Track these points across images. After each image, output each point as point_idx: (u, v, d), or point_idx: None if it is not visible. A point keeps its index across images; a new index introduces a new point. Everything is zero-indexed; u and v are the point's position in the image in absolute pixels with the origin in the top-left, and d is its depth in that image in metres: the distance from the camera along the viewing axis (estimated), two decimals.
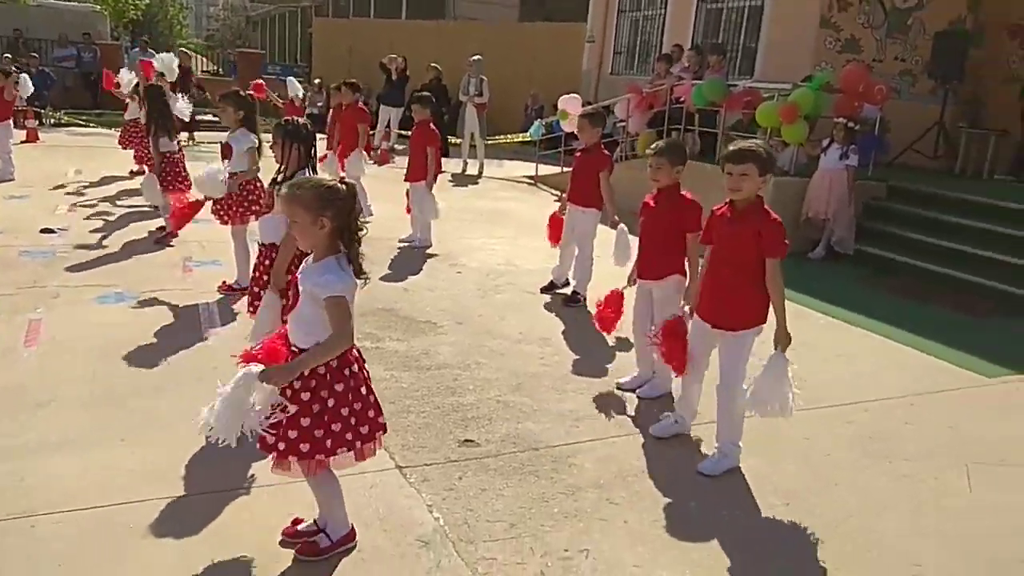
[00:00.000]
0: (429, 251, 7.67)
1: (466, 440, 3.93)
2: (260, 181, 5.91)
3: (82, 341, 4.79)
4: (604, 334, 5.22)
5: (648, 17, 15.31)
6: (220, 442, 2.58)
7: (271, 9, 41.84)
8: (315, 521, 2.98)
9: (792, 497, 3.61)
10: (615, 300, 4.87)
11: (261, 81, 12.92)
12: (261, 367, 2.59)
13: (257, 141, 5.76)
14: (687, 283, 4.41)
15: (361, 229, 2.72)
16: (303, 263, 2.81)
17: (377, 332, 5.25)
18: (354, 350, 2.78)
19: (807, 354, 5.46)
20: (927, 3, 11.63)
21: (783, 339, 3.63)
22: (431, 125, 7.87)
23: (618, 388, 4.70)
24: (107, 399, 4.06)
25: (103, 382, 4.26)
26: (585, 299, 6.21)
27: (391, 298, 6.07)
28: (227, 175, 5.62)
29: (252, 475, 3.43)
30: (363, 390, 2.75)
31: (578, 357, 5.15)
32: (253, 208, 5.76)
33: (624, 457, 3.88)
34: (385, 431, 2.87)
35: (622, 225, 5.66)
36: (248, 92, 6.19)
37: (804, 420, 4.43)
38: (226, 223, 5.86)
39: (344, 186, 2.69)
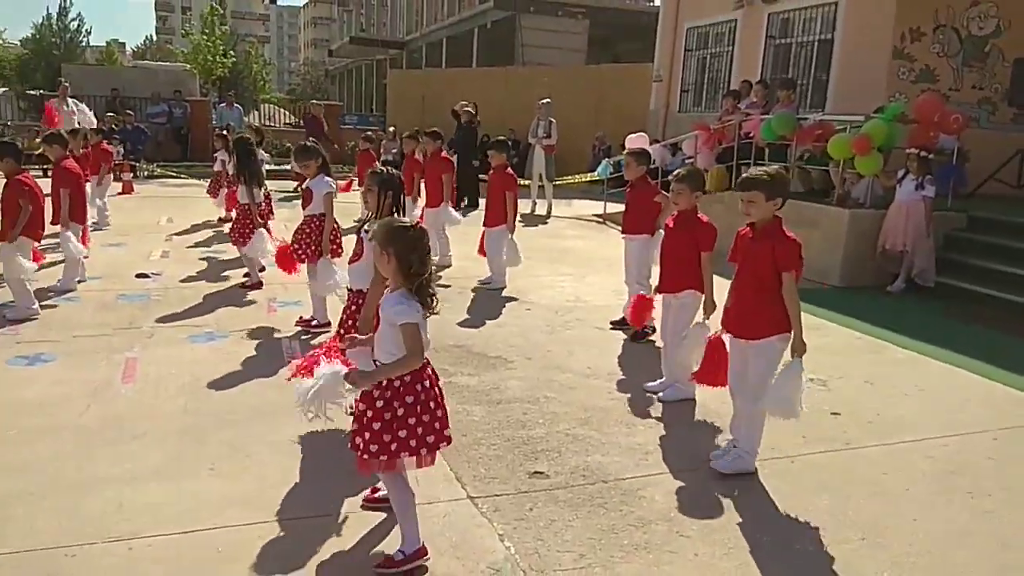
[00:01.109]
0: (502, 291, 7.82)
1: (536, 472, 4.00)
2: (337, 223, 6.20)
3: (174, 378, 5.09)
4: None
5: (715, 55, 15.38)
6: (309, 418, 3.09)
7: (348, 63, 43.65)
8: (400, 548, 3.17)
9: (868, 531, 3.54)
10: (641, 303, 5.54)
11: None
12: (346, 369, 3.04)
13: (334, 186, 6.09)
14: (703, 296, 4.89)
15: (424, 268, 3.01)
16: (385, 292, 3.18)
17: (450, 368, 5.39)
18: (429, 368, 3.09)
19: (884, 388, 5.38)
20: (1005, 30, 11.36)
21: (799, 347, 3.86)
22: (508, 170, 8.07)
23: (645, 391, 5.16)
24: (197, 431, 4.30)
25: (194, 415, 4.52)
26: (654, 330, 6.24)
27: (463, 335, 6.23)
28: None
29: (335, 503, 3.58)
30: (432, 404, 3.04)
31: (648, 391, 5.17)
32: (331, 246, 6.07)
33: (693, 490, 3.88)
34: (449, 443, 3.12)
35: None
36: (314, 142, 6.49)
37: (882, 454, 4.37)
38: (303, 262, 6.14)
39: (413, 228, 3.05)
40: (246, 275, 7.77)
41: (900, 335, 6.62)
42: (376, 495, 3.54)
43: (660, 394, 5.07)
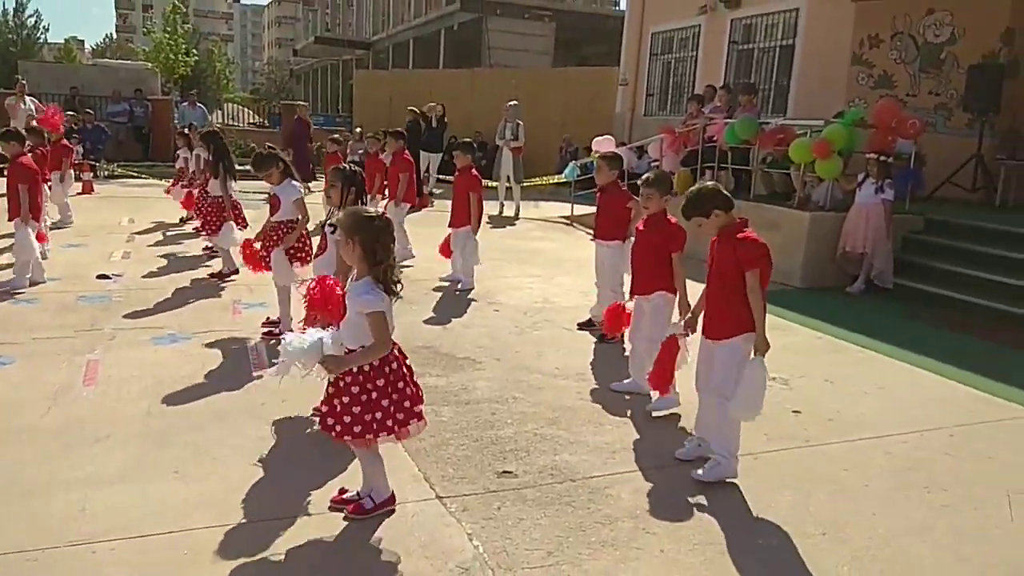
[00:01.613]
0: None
1: (504, 471, 4.02)
2: (306, 230, 6.13)
3: (137, 380, 5.01)
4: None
5: (680, 59, 15.58)
6: (280, 379, 3.30)
7: (314, 63, 43.28)
8: (358, 492, 3.51)
9: (829, 526, 3.62)
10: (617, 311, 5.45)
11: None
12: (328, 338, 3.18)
13: (302, 191, 6.03)
14: (676, 298, 4.93)
15: (388, 255, 3.19)
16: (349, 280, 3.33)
17: (418, 369, 5.30)
18: (395, 349, 3.29)
19: (843, 387, 5.50)
20: (960, 37, 11.65)
21: (761, 345, 3.90)
22: (474, 171, 8.09)
23: (612, 390, 5.23)
24: (161, 434, 4.25)
25: (157, 418, 4.46)
26: (622, 335, 6.29)
27: (431, 336, 6.23)
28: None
29: (300, 504, 3.56)
30: (400, 384, 3.27)
31: (615, 391, 5.22)
32: (298, 255, 5.90)
33: (660, 487, 3.94)
34: (420, 418, 3.34)
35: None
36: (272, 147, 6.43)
37: (840, 452, 4.46)
38: (271, 270, 6.06)
39: (379, 217, 3.22)
40: (214, 274, 7.75)
41: (860, 335, 6.77)
42: (343, 496, 3.56)
43: (648, 406, 4.87)
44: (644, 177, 5.17)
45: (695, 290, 4.51)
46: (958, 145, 11.01)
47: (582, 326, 6.68)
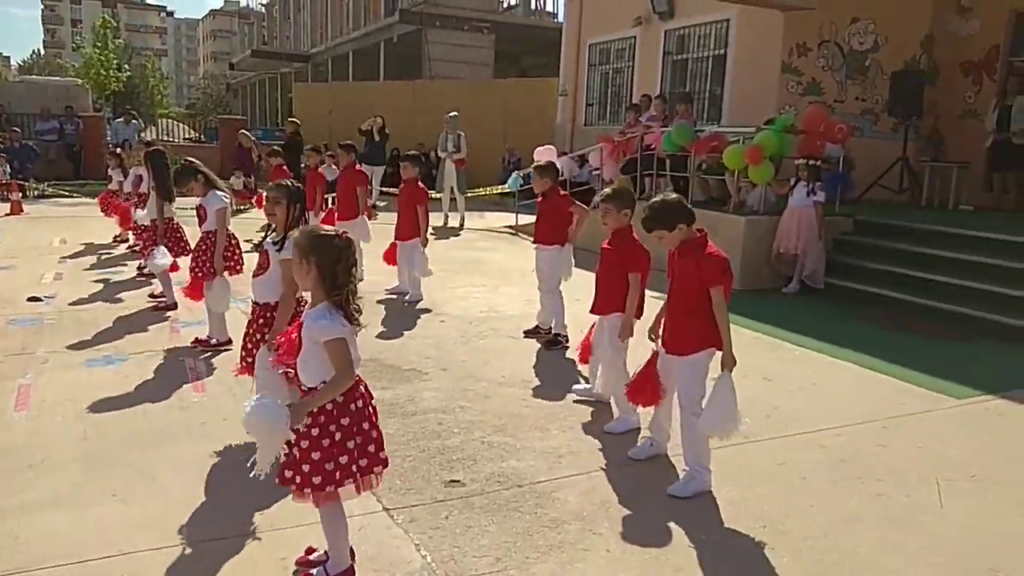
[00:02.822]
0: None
1: (452, 480, 4.03)
2: (235, 237, 6.11)
3: (72, 403, 4.88)
4: (583, 370, 5.41)
5: (617, 70, 15.84)
6: (260, 476, 2.85)
7: (251, 76, 42.66)
8: (326, 552, 3.10)
9: (768, 519, 3.73)
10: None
11: None
12: (286, 408, 2.78)
13: (227, 200, 6.03)
14: (626, 317, 4.78)
15: (349, 279, 2.85)
16: (305, 308, 2.98)
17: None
18: (361, 386, 2.95)
19: (780, 384, 5.66)
20: (883, 45, 12.15)
21: (728, 362, 3.90)
22: (419, 183, 8.08)
23: (575, 400, 5.20)
24: (98, 457, 4.14)
25: (94, 441, 4.35)
26: (566, 339, 6.37)
27: (377, 348, 6.21)
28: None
29: (246, 524, 3.52)
30: (366, 425, 2.91)
31: (560, 397, 5.28)
32: (227, 263, 6.01)
33: (606, 490, 4.00)
34: (386, 466, 3.00)
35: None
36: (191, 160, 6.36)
37: (778, 447, 4.60)
38: (203, 279, 5.98)
39: (339, 236, 2.85)
40: (152, 295, 7.60)
41: (795, 334, 6.98)
42: (309, 557, 3.21)
43: (607, 426, 4.77)
44: (602, 192, 5.02)
45: (653, 305, 4.50)
46: (885, 148, 11.47)
47: (528, 333, 6.73)
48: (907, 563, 3.41)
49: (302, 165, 10.95)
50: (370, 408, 2.96)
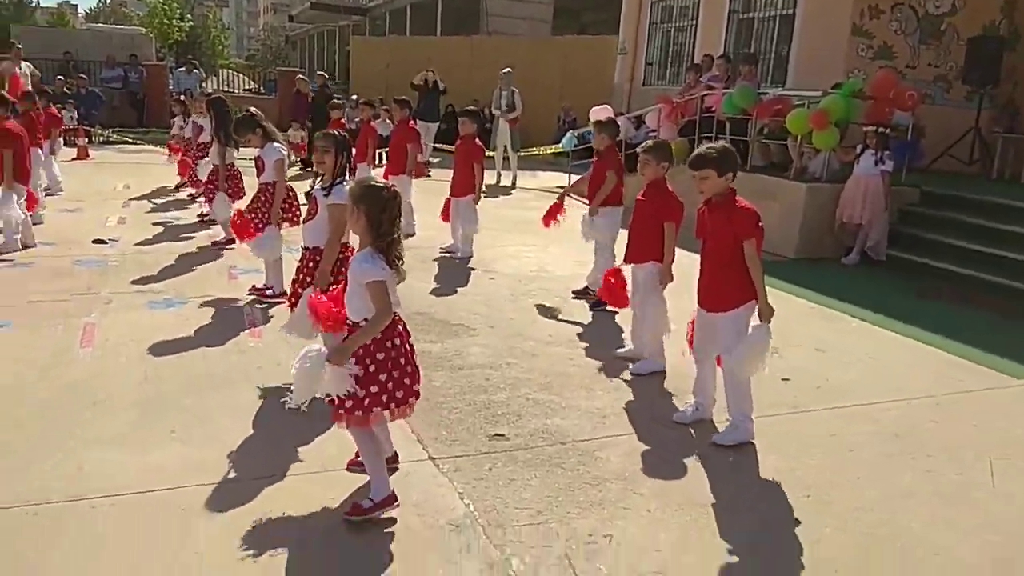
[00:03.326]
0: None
1: (496, 434, 4.08)
2: (293, 190, 6.17)
3: (134, 343, 5.05)
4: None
5: (680, 28, 15.41)
6: (300, 406, 3.18)
7: (310, 29, 42.75)
8: (370, 495, 3.30)
9: (814, 489, 3.69)
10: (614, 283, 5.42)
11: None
12: (325, 350, 3.13)
13: (285, 152, 6.06)
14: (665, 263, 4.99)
15: (393, 229, 3.10)
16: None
17: (413, 334, 5.39)
18: (400, 326, 3.21)
19: (834, 356, 5.56)
20: (960, 8, 11.57)
21: (765, 312, 3.95)
22: (476, 140, 8.04)
23: (616, 356, 5.24)
24: (158, 396, 4.30)
25: (154, 381, 4.51)
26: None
27: (427, 303, 6.27)
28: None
29: (297, 464, 3.62)
30: (402, 360, 3.17)
31: (606, 358, 5.27)
32: (285, 217, 6.02)
33: (649, 451, 4.00)
34: (418, 397, 3.26)
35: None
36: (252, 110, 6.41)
37: (829, 418, 4.53)
38: (260, 231, 6.08)
39: (387, 188, 3.12)
40: (215, 241, 7.80)
41: (852, 305, 6.82)
42: (359, 459, 3.46)
43: (631, 366, 5.06)
44: (642, 145, 5.18)
45: (688, 261, 4.54)
46: (956, 117, 10.99)
47: (577, 294, 6.71)
48: (961, 540, 3.35)
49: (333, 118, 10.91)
50: (407, 346, 3.23)
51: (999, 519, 3.53)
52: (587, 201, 6.67)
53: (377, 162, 10.86)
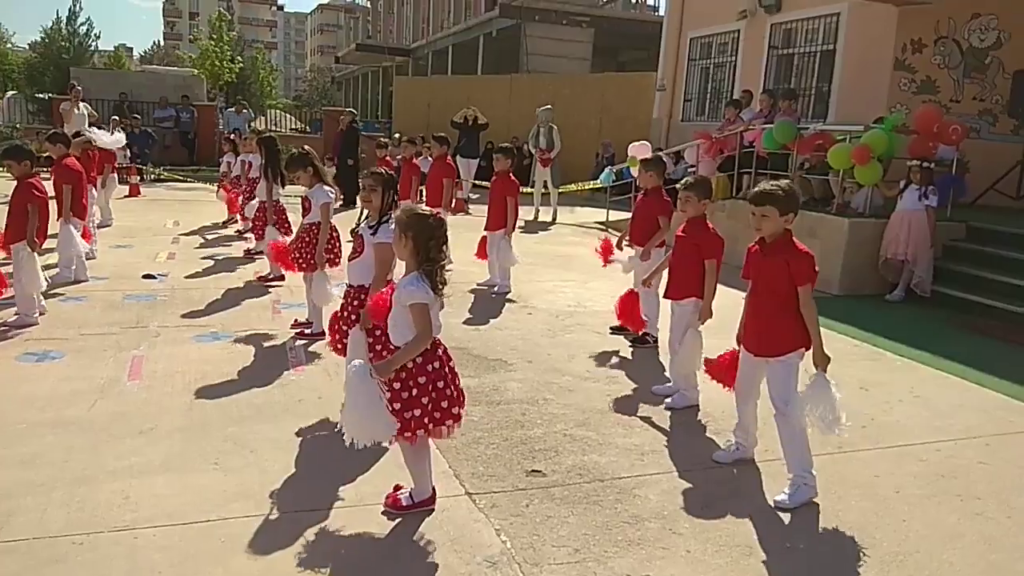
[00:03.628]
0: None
1: (533, 470, 4.07)
2: (337, 231, 6.25)
3: (180, 376, 5.17)
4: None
5: (718, 65, 15.49)
6: (368, 445, 3.34)
7: (355, 70, 43.89)
8: (411, 493, 3.56)
9: (858, 530, 3.61)
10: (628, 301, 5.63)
11: None
12: (368, 366, 3.29)
13: (332, 196, 6.15)
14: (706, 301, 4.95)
15: (440, 255, 3.27)
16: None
17: None
18: (440, 349, 3.34)
19: (879, 395, 5.45)
20: (1006, 42, 11.44)
21: (820, 360, 3.82)
22: (510, 176, 8.16)
23: (654, 393, 5.23)
24: (202, 427, 4.39)
25: (199, 412, 4.61)
26: (655, 339, 6.29)
27: (465, 338, 6.31)
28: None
29: (334, 497, 3.66)
30: (441, 384, 3.30)
31: (644, 395, 5.24)
32: (328, 256, 6.06)
33: (688, 490, 3.95)
34: (458, 420, 3.38)
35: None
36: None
37: (874, 458, 4.44)
38: (304, 270, 6.20)
39: (433, 216, 3.29)
40: (261, 276, 8.00)
41: (897, 343, 6.69)
42: (397, 492, 3.60)
43: (667, 400, 5.08)
44: (683, 181, 5.16)
45: (732, 299, 4.51)
46: (1003, 151, 10.83)
47: (615, 330, 6.69)
48: None
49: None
50: (447, 369, 3.34)
51: None
52: (628, 238, 6.63)
53: (418, 198, 11.07)
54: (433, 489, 3.57)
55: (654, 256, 6.30)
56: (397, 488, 3.62)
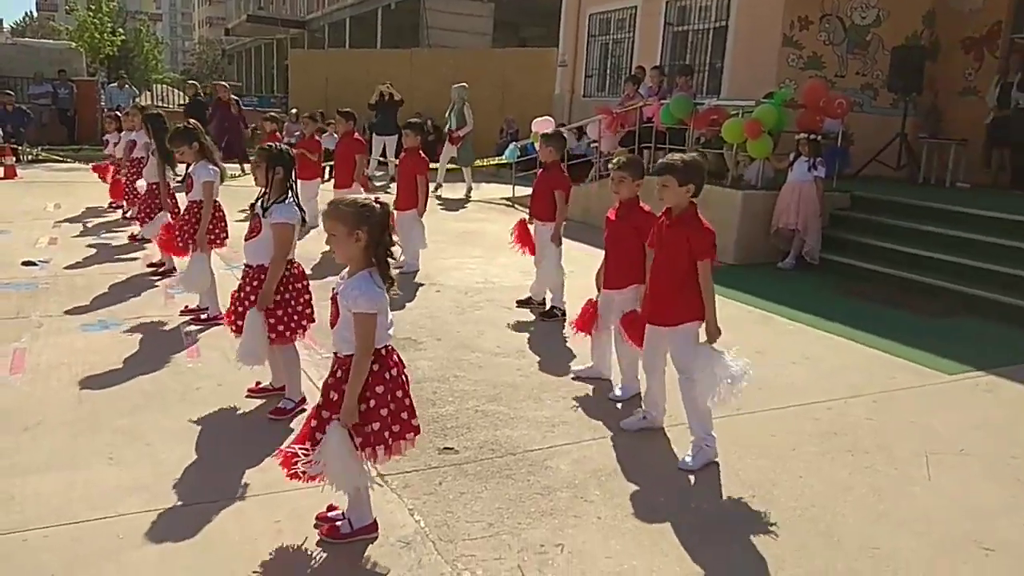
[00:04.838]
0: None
1: (445, 448, 4.06)
2: (221, 209, 5.99)
3: (67, 367, 4.88)
4: (576, 341, 5.48)
5: (617, 41, 15.69)
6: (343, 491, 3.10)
7: (247, 42, 42.16)
8: (343, 512, 3.22)
9: (758, 488, 3.77)
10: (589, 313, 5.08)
11: None
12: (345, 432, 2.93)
13: (216, 173, 5.83)
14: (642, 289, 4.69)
15: (393, 245, 2.95)
16: (339, 278, 3.03)
17: None
18: (395, 355, 3.06)
19: (773, 357, 5.69)
20: (884, 19, 12.05)
21: (713, 332, 3.95)
22: (420, 153, 8.01)
23: (573, 377, 5.14)
24: (93, 420, 4.16)
25: (88, 405, 4.36)
26: (564, 312, 6.35)
27: None
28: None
29: (240, 487, 3.54)
30: (399, 393, 3.03)
31: (554, 368, 5.30)
32: (210, 236, 5.80)
33: (598, 459, 4.03)
34: (417, 433, 3.14)
35: None
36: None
37: (770, 418, 4.63)
38: (185, 252, 5.92)
39: (379, 205, 2.92)
40: (151, 264, 7.58)
41: (789, 308, 7.01)
42: (328, 513, 3.27)
43: (614, 392, 4.88)
44: (615, 160, 4.84)
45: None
46: (883, 124, 11.42)
47: (521, 304, 6.74)
48: (893, 533, 3.46)
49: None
50: (403, 377, 3.07)
51: (932, 512, 3.66)
52: (531, 215, 6.68)
53: (324, 177, 10.82)
54: (374, 519, 3.20)
55: (550, 227, 6.38)
56: (330, 508, 3.27)
